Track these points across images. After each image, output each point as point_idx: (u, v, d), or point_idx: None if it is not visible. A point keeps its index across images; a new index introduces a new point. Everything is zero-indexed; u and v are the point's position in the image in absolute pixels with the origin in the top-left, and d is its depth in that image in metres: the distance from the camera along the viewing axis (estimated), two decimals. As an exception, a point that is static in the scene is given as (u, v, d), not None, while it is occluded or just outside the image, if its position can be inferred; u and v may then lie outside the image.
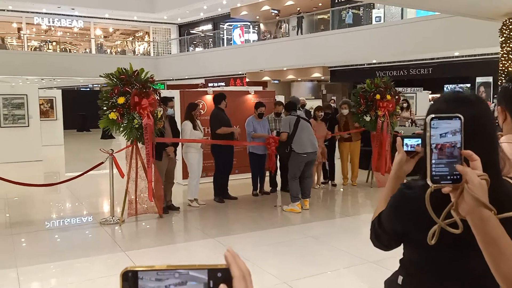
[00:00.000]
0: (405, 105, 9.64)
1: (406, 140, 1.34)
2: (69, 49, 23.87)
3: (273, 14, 20.21)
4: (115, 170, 5.51)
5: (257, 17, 21.08)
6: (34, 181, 6.47)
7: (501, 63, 8.57)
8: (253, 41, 19.92)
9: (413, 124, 9.73)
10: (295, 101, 7.17)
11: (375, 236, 1.34)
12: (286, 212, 5.85)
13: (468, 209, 0.87)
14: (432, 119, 0.89)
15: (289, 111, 6.03)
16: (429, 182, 0.89)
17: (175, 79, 22.03)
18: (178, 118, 7.37)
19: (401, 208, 1.22)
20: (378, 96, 6.94)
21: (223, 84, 20.51)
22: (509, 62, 8.23)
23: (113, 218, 5.39)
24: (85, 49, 24.07)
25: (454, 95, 1.18)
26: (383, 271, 3.85)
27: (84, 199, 7.00)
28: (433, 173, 0.88)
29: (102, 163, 5.48)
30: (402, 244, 1.31)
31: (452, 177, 0.88)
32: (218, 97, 6.32)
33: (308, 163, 5.84)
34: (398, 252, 1.34)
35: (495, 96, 14.72)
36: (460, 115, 0.89)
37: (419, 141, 1.32)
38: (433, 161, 0.88)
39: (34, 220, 5.91)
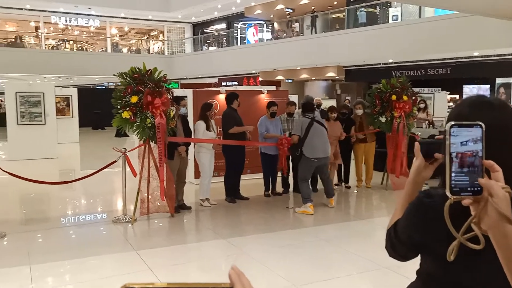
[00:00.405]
0: (422, 105, 9.44)
1: (424, 146, 1.27)
2: (86, 48, 24.18)
3: (287, 13, 20.10)
4: (128, 169, 5.52)
5: (271, 16, 21.00)
6: (49, 178, 6.54)
7: (522, 64, 8.33)
8: (267, 40, 19.85)
9: (430, 125, 9.54)
10: (310, 100, 7.07)
11: (390, 246, 1.28)
12: (298, 214, 5.78)
13: (491, 224, 0.83)
14: (452, 126, 0.84)
15: (304, 112, 5.89)
16: (448, 193, 0.85)
17: (189, 78, 22.11)
18: (190, 117, 7.37)
19: (419, 217, 1.16)
20: (394, 97, 6.80)
21: (236, 83, 20.49)
22: (531, 62, 7.99)
23: (126, 216, 5.40)
24: (101, 48, 24.35)
25: (478, 99, 1.12)
26: (398, 277, 3.76)
27: (98, 197, 7.06)
28: (453, 184, 0.84)
29: (115, 161, 5.50)
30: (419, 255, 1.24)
31: (472, 188, 0.83)
32: (230, 97, 6.29)
33: (320, 166, 5.79)
34: (415, 258, 1.28)
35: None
36: (481, 123, 0.84)
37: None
38: (453, 171, 0.84)
39: (48, 217, 5.98)
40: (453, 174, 0.84)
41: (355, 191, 7.29)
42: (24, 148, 10.56)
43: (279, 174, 6.81)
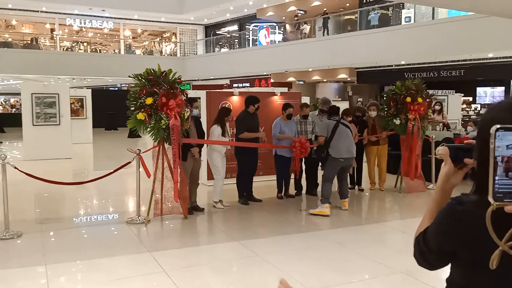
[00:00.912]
0: (437, 107, 9.32)
1: (453, 150, 1.22)
2: (99, 50, 24.46)
3: (299, 14, 20.06)
4: (142, 170, 5.55)
5: (283, 17, 20.99)
6: (64, 178, 6.62)
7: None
8: (279, 41, 19.83)
9: (445, 128, 9.41)
10: (326, 101, 7.04)
11: (419, 254, 1.25)
12: (311, 217, 5.75)
13: None
14: (497, 129, 0.83)
15: (330, 116, 6.12)
16: (490, 199, 0.83)
17: (201, 80, 22.21)
18: (204, 119, 7.39)
19: (451, 225, 1.13)
20: (409, 99, 6.74)
21: (247, 84, 20.51)
22: (549, 64, 7.84)
23: (139, 217, 5.43)
24: (114, 50, 24.60)
25: None
26: (414, 282, 3.71)
27: (111, 198, 7.11)
28: (496, 189, 0.82)
29: (130, 162, 5.54)
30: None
31: None
32: (248, 100, 6.27)
33: (345, 167, 5.95)
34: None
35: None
36: None
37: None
38: (497, 176, 0.82)
39: (63, 217, 6.04)
40: (496, 179, 0.82)
41: (367, 194, 7.22)
42: (39, 148, 10.71)
43: (292, 176, 6.78)
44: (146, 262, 4.15)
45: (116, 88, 28.27)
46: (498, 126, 0.84)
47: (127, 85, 26.49)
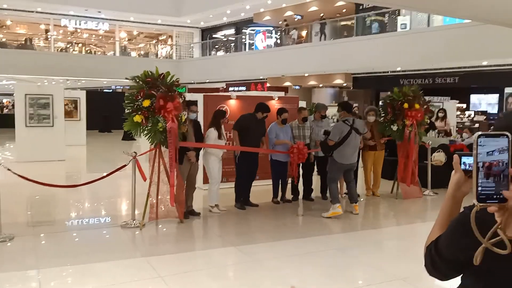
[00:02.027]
0: (441, 114, 9.35)
1: (464, 159, 1.20)
2: (94, 51, 24.33)
3: (296, 19, 20.12)
4: (137, 173, 5.47)
5: (280, 22, 21.03)
6: (57, 180, 6.53)
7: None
8: (275, 46, 19.85)
9: (440, 134, 9.42)
10: (323, 107, 7.00)
11: (431, 264, 1.21)
12: (308, 222, 5.71)
13: None
14: (479, 136, 0.89)
15: (348, 112, 5.96)
16: (475, 201, 0.90)
17: (196, 83, 22.15)
18: (200, 123, 7.33)
19: (465, 234, 1.10)
20: (406, 105, 6.74)
21: (244, 88, 20.50)
22: (545, 72, 7.90)
23: (134, 221, 5.35)
24: (109, 52, 24.49)
25: None
26: (414, 290, 3.67)
27: (106, 201, 7.02)
28: (479, 191, 0.88)
29: (126, 165, 5.46)
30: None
31: (498, 196, 0.87)
32: (259, 106, 6.23)
33: (349, 170, 5.98)
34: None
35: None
36: (508, 134, 0.89)
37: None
38: (480, 180, 0.88)
39: (56, 220, 5.94)
40: (479, 182, 0.88)
41: (363, 199, 7.18)
42: (32, 150, 10.57)
43: (289, 181, 6.74)
44: (141, 267, 4.07)
45: (111, 90, 28.11)
46: (480, 133, 0.89)
47: (122, 87, 26.36)
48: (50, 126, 11.11)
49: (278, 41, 20.08)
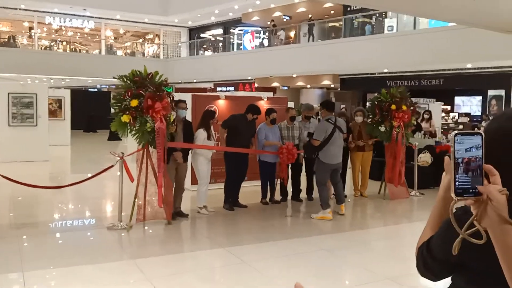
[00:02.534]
0: (426, 116, 9.48)
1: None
2: (79, 50, 23.97)
3: (284, 20, 20.16)
4: (124, 174, 5.39)
5: (268, 22, 21.05)
6: (41, 181, 6.40)
7: (518, 77, 8.41)
8: (263, 46, 19.86)
9: (425, 135, 9.53)
10: (310, 108, 7.02)
11: (423, 265, 1.22)
12: (296, 223, 5.71)
13: (491, 223, 0.94)
14: (456, 135, 0.95)
15: (329, 111, 5.92)
16: (452, 195, 0.96)
17: (184, 82, 22.02)
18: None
19: (456, 234, 1.10)
20: (393, 107, 6.80)
21: (232, 88, 20.45)
22: (527, 75, 8.06)
23: (121, 223, 5.26)
24: (94, 51, 24.16)
25: None
26: (403, 290, 3.70)
27: (91, 202, 6.90)
28: (457, 186, 0.94)
29: (113, 166, 5.37)
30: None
31: (474, 190, 0.94)
32: (249, 108, 6.21)
33: (335, 170, 5.94)
34: (416, 268, 1.22)
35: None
36: (481, 132, 0.95)
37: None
38: (457, 175, 0.94)
39: (40, 222, 5.81)
40: (457, 177, 0.94)
41: (350, 200, 7.22)
42: (15, 150, 10.34)
43: (278, 182, 6.73)
44: (128, 269, 4.01)
45: (96, 90, 27.72)
46: (457, 131, 0.95)
47: (107, 86, 26.02)
48: (33, 125, 10.89)
49: (266, 42, 20.09)
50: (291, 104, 8.73)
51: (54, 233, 5.27)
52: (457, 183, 0.94)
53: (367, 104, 10.28)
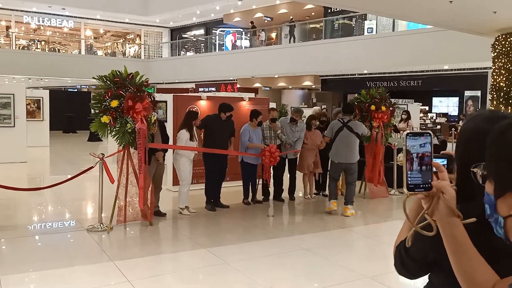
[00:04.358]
0: (404, 116, 9.70)
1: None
2: (58, 49, 23.52)
3: (266, 21, 20.24)
4: (105, 175, 5.33)
5: (250, 24, 21.11)
6: (19, 183, 6.26)
7: (492, 78, 8.67)
8: (245, 47, 19.90)
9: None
10: (298, 111, 6.99)
11: (400, 263, 1.25)
12: (278, 223, 5.75)
13: (441, 215, 1.00)
14: (407, 135, 1.02)
15: (344, 114, 6.28)
16: (405, 190, 1.01)
17: (165, 83, 21.86)
18: (170, 123, 7.24)
19: (434, 236, 1.14)
20: (373, 107, 6.92)
21: (213, 89, 20.40)
22: (501, 77, 8.32)
23: (101, 225, 5.20)
24: (74, 50, 23.75)
25: (493, 114, 1.13)
26: (380, 287, 3.78)
27: (71, 204, 6.79)
28: (409, 182, 0.99)
29: (92, 167, 5.31)
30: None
31: (424, 185, 0.99)
32: (220, 107, 6.21)
33: (347, 170, 6.14)
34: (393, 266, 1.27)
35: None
36: (430, 132, 1.02)
37: (445, 161, 1.24)
38: (409, 172, 0.99)
39: (18, 225, 5.68)
40: (409, 174, 0.99)
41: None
42: (-9, 152, 10.08)
43: (260, 182, 6.76)
44: (109, 272, 3.97)
45: (76, 90, 27.24)
46: (408, 131, 1.03)
47: (87, 87, 25.60)
48: (11, 126, 10.64)
49: (248, 43, 20.12)
50: (273, 105, 8.79)
51: (33, 236, 5.17)
52: (409, 179, 0.99)
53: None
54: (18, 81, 20.89)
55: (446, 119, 16.93)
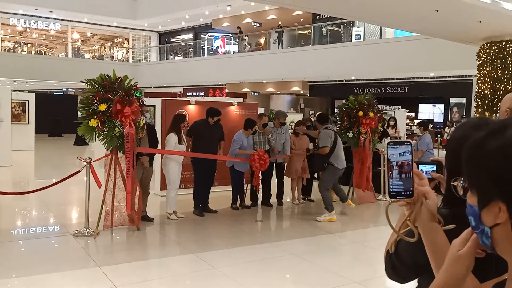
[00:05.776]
0: (391, 122, 9.84)
1: (421, 166, 1.27)
2: (44, 52, 23.24)
3: (255, 27, 20.34)
4: (92, 179, 5.27)
5: (237, 29, 21.18)
6: (2, 187, 6.14)
7: (477, 86, 8.85)
8: (234, 52, 19.95)
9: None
10: (283, 114, 7.05)
11: (391, 267, 1.26)
12: (266, 228, 5.75)
13: (423, 221, 1.02)
14: (388, 143, 1.03)
15: (323, 123, 6.36)
16: (387, 197, 1.16)
17: (154, 87, 21.75)
18: (159, 127, 7.20)
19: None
20: (361, 113, 6.99)
21: (202, 93, 20.37)
22: (485, 84, 8.50)
23: (88, 230, 5.13)
24: (60, 53, 23.48)
25: (480, 122, 1.15)
26: (369, 291, 3.80)
27: (56, 209, 6.68)
28: (391, 189, 1.02)
29: (79, 171, 5.24)
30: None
31: (405, 192, 1.02)
32: (207, 112, 6.21)
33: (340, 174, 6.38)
34: (383, 271, 1.28)
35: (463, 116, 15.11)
36: (410, 141, 1.05)
37: (435, 167, 1.26)
38: (390, 179, 1.02)
39: (2, 229, 5.56)
40: (390, 181, 1.01)
41: (320, 205, 7.32)
42: (-26, 155, 9.88)
43: (248, 187, 6.76)
44: (95, 277, 3.92)
45: (62, 93, 26.90)
46: (389, 140, 1.10)
47: (73, 90, 25.32)
48: (-5, 129, 10.44)
49: (236, 48, 20.19)
50: (261, 110, 8.81)
51: (17, 241, 5.07)
52: (391, 187, 1.01)
53: (335, 110, 10.53)
54: (3, 83, 20.54)
55: (431, 125, 17.18)
